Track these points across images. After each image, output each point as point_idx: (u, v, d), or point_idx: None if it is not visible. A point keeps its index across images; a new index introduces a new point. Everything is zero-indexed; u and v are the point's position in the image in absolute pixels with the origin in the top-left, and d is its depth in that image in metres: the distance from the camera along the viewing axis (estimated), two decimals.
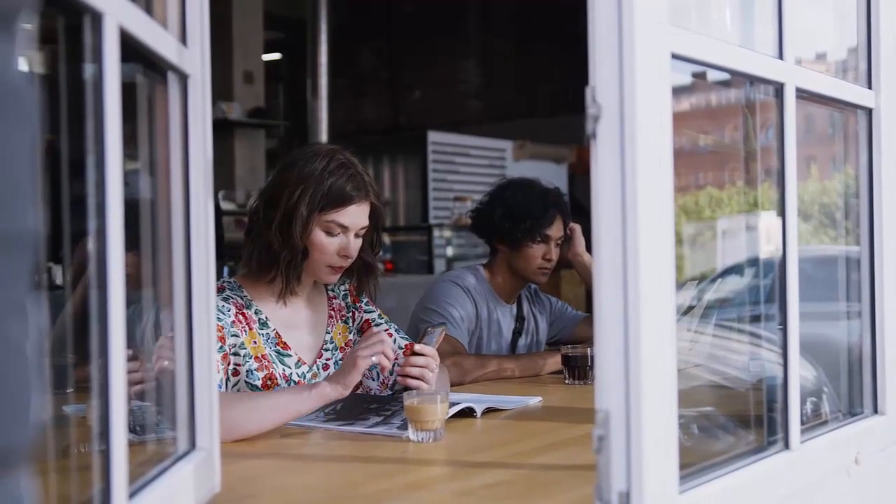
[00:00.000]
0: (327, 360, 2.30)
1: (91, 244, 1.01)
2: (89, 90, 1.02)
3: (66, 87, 1.04)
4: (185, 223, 1.35)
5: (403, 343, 2.37)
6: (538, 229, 2.96)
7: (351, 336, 2.37)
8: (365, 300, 2.43)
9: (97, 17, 0.99)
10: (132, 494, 1.08)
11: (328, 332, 2.33)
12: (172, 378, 1.37)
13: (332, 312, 2.36)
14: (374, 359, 1.96)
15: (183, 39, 1.34)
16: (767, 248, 1.93)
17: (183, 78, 1.34)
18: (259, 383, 2.14)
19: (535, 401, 2.35)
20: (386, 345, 1.99)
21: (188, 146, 1.36)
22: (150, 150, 1.36)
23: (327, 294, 2.38)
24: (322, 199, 2.14)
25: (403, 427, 1.90)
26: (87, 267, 1.60)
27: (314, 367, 2.26)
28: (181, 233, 1.35)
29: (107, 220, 1.00)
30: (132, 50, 1.11)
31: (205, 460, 1.37)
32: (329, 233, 2.17)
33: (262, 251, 2.18)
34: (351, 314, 2.40)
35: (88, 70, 1.02)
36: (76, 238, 1.08)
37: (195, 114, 1.36)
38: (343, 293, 2.41)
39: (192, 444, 1.36)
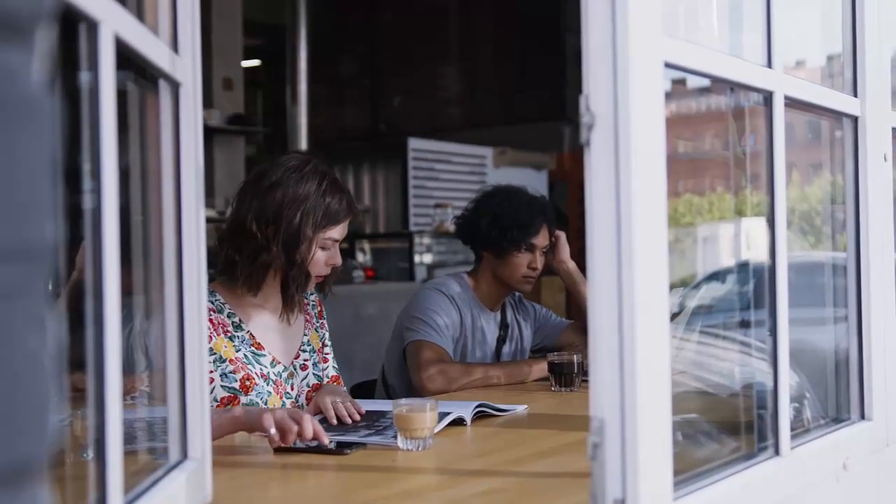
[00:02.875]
0: (305, 360, 2.38)
1: (86, 252, 1.01)
2: (84, 97, 1.01)
3: (59, 94, 1.03)
4: (176, 232, 1.34)
5: (332, 373, 2.46)
6: (524, 238, 2.96)
7: (320, 343, 2.46)
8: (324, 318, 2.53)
9: (93, 26, 0.99)
10: None
11: (305, 335, 2.41)
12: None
13: (308, 317, 2.45)
14: (272, 431, 1.79)
15: (175, 47, 1.33)
16: (749, 255, 1.94)
17: (175, 86, 1.33)
18: (237, 385, 2.20)
19: (521, 409, 2.35)
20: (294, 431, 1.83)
21: (179, 154, 1.35)
22: (141, 158, 1.35)
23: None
24: (323, 219, 2.24)
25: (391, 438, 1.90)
26: (72, 274, 1.58)
27: (290, 367, 2.34)
28: (172, 241, 1.34)
29: (102, 228, 1.00)
30: (125, 57, 1.11)
31: (197, 470, 1.36)
32: (323, 248, 2.28)
33: (261, 270, 2.24)
34: (320, 324, 2.49)
35: (83, 77, 1.01)
36: (63, 245, 1.08)
37: (187, 122, 1.35)
38: (312, 303, 2.49)
39: (184, 454, 1.35)
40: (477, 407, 2.19)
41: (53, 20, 0.64)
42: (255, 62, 9.88)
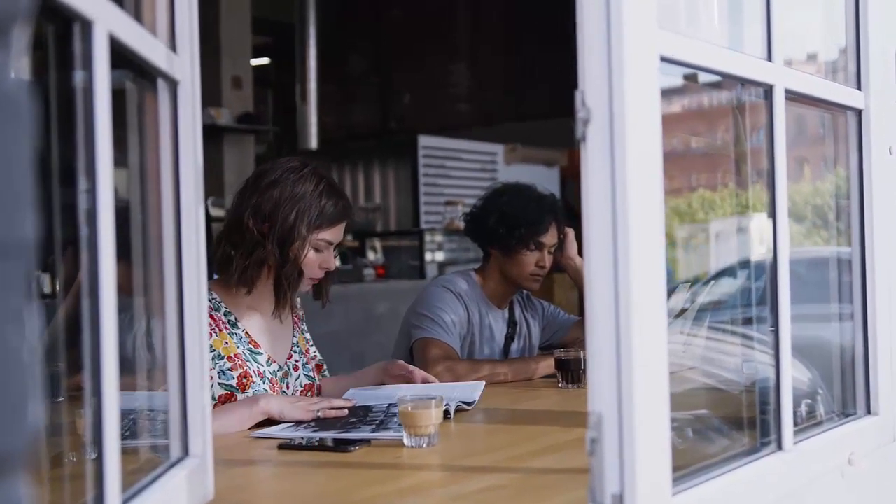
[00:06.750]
0: (296, 361, 2.43)
1: (82, 252, 1.01)
2: (79, 97, 1.01)
3: (54, 93, 1.04)
4: (175, 231, 1.35)
5: (305, 382, 2.46)
6: (533, 237, 2.95)
7: (306, 345, 2.51)
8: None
9: (87, 25, 0.99)
10: (125, 501, 1.08)
11: (294, 336, 2.46)
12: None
13: (296, 320, 2.50)
14: (319, 413, 2.13)
15: (172, 46, 1.34)
16: (760, 250, 1.93)
17: (173, 84, 1.34)
18: (234, 382, 2.23)
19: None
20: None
21: (178, 153, 1.35)
22: (139, 157, 1.36)
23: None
24: (317, 218, 2.28)
25: (398, 430, 1.90)
26: (77, 275, 1.58)
27: (285, 367, 2.39)
28: (172, 241, 1.35)
29: (98, 228, 1.00)
30: (121, 56, 1.11)
31: (198, 467, 1.36)
32: (317, 249, 2.31)
33: (256, 266, 2.27)
34: (304, 328, 2.54)
35: (78, 77, 1.01)
36: (65, 246, 1.08)
37: (185, 120, 1.35)
38: (298, 307, 2.54)
39: (186, 451, 1.36)
40: (458, 402, 2.23)
41: (31, 19, 0.64)
42: (265, 60, 9.89)
